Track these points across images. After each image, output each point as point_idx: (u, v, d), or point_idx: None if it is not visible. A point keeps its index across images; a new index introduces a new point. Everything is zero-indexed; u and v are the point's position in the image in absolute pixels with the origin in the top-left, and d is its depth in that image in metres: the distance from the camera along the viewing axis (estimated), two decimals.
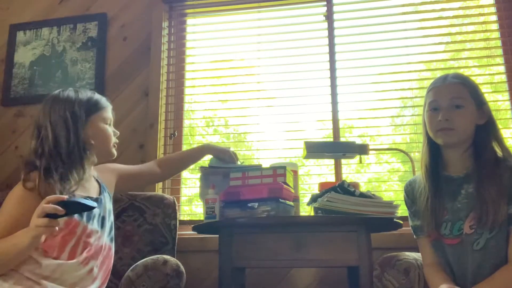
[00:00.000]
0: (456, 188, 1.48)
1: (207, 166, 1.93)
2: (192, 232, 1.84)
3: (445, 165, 1.53)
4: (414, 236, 1.59)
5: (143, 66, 2.54)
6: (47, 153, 1.45)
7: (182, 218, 2.36)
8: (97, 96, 1.61)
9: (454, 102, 1.45)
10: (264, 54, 2.54)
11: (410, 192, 1.61)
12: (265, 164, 2.03)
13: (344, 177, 2.31)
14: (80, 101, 1.54)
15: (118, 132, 1.67)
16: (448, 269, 1.46)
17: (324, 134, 2.45)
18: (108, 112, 1.62)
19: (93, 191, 1.60)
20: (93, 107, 1.56)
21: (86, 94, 1.59)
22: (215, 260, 1.74)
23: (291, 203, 1.73)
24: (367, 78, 2.38)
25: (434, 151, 1.53)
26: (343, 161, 2.31)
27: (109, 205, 1.66)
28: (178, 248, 2.01)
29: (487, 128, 1.48)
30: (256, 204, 1.65)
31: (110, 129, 1.62)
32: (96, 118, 1.57)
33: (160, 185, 2.40)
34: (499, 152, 1.46)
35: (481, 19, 2.37)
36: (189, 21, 2.70)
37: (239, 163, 1.95)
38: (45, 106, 1.54)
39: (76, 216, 1.45)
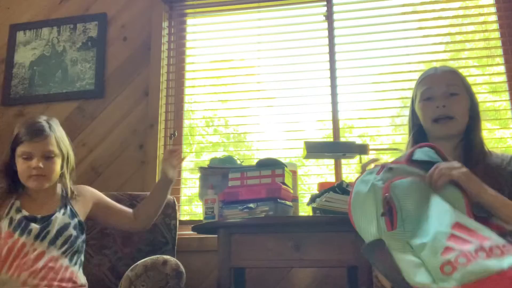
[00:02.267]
0: None
1: (207, 166, 1.93)
2: (192, 232, 1.84)
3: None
4: None
5: (143, 66, 2.54)
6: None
7: (182, 218, 2.36)
8: (23, 130, 1.65)
9: (449, 89, 1.42)
10: (264, 54, 2.54)
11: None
12: None
13: (344, 177, 2.30)
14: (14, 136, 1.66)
15: (39, 165, 1.61)
16: None
17: (324, 134, 2.45)
18: (25, 147, 1.62)
19: (46, 210, 1.66)
20: (14, 143, 1.65)
21: (20, 129, 1.66)
22: (214, 260, 1.75)
23: (290, 203, 1.73)
24: (367, 78, 2.38)
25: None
26: (343, 161, 2.31)
27: (67, 220, 1.66)
28: (178, 248, 2.01)
29: (476, 122, 1.45)
30: (255, 204, 1.65)
31: (27, 163, 1.62)
32: (16, 153, 1.65)
33: None
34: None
35: (481, 19, 2.37)
36: (189, 21, 2.70)
37: (238, 162, 1.95)
38: None
39: (10, 228, 1.58)
